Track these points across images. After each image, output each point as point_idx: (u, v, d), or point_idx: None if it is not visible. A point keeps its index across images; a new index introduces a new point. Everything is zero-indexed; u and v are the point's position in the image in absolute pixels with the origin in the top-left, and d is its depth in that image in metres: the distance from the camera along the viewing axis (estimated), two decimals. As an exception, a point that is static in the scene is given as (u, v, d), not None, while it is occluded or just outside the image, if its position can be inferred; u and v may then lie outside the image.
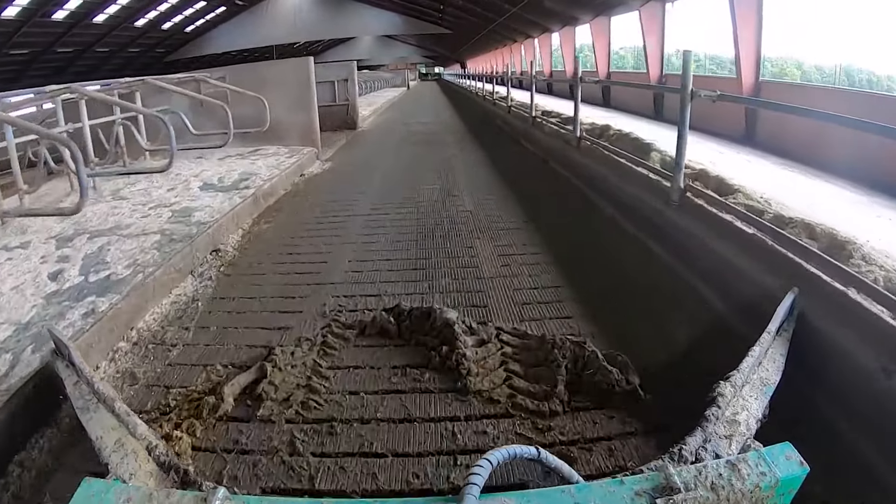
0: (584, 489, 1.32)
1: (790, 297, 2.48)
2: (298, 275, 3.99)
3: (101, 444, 1.78)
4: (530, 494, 1.32)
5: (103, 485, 1.36)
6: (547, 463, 1.47)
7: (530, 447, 1.46)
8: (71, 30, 27.24)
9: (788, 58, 11.18)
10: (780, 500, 1.36)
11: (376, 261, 4.22)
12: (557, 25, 21.95)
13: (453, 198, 6.13)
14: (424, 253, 4.35)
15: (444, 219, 5.28)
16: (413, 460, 2.04)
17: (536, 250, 4.32)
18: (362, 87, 24.64)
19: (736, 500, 1.30)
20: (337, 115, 12.83)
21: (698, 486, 1.29)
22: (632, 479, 1.33)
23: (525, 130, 10.61)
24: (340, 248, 4.56)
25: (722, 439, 1.69)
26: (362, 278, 3.88)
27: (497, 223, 5.08)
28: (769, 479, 1.32)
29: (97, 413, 1.95)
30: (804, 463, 1.38)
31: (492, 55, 39.73)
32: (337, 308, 3.34)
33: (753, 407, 1.87)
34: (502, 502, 1.28)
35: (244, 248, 4.66)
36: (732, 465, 1.34)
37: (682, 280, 3.58)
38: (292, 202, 6.29)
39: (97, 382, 2.05)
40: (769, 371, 2.08)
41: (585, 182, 6.41)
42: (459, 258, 4.22)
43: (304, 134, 9.18)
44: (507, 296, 3.47)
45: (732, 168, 5.68)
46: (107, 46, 31.61)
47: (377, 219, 5.43)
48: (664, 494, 1.27)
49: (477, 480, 1.28)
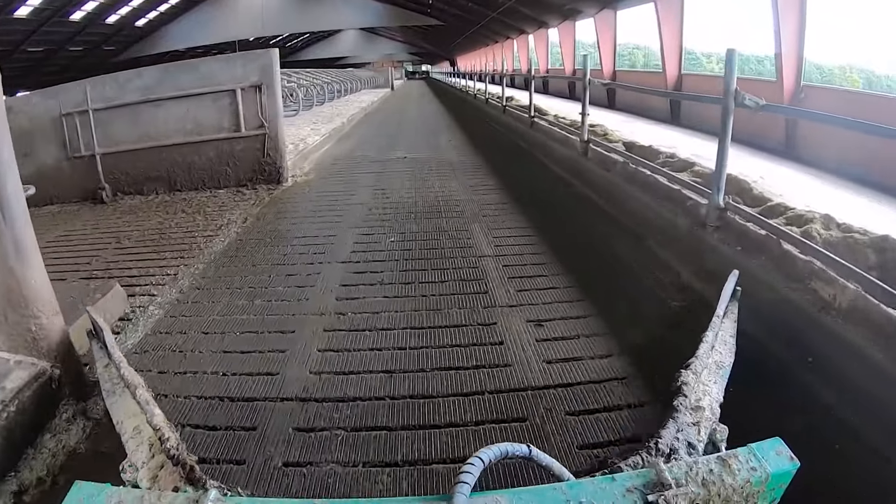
0: (576, 486, 1.38)
1: (732, 279, 2.78)
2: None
3: (121, 429, 2.00)
4: (522, 492, 1.37)
5: (94, 488, 1.44)
6: (538, 461, 1.51)
7: (522, 445, 1.49)
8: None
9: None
10: (771, 494, 1.44)
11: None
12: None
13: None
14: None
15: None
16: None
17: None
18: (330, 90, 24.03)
19: (727, 496, 1.37)
20: (238, 159, 7.92)
21: (689, 481, 1.37)
22: (623, 475, 1.41)
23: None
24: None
25: (690, 427, 1.81)
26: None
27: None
28: (760, 474, 1.40)
29: (121, 398, 2.19)
30: (794, 458, 1.46)
31: (483, 52, 39.80)
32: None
33: (714, 391, 2.05)
34: (494, 500, 1.34)
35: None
36: (723, 461, 1.43)
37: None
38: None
39: (124, 367, 2.26)
40: (722, 354, 2.30)
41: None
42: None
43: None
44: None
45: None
46: (39, 45, 30.63)
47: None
48: (655, 490, 1.34)
49: (468, 479, 1.33)
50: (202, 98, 7.65)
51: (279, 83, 7.99)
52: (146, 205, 7.50)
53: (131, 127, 7.76)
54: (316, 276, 4.49)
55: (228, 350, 3.44)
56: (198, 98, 7.64)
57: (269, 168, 7.99)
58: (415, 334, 3.46)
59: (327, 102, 22.53)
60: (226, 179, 7.97)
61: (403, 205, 6.64)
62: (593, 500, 1.34)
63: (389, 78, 42.11)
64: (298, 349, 3.36)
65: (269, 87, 7.74)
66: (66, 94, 7.73)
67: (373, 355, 3.25)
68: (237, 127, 7.77)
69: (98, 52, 35.36)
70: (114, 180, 7.93)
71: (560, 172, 7.86)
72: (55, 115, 7.73)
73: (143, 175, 7.93)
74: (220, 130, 7.79)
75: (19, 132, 7.84)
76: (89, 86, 7.61)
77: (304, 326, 3.64)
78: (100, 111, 7.67)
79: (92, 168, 7.87)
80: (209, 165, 7.90)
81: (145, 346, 3.67)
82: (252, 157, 7.95)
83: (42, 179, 7.92)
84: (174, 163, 7.87)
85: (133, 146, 7.80)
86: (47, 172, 7.95)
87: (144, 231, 6.20)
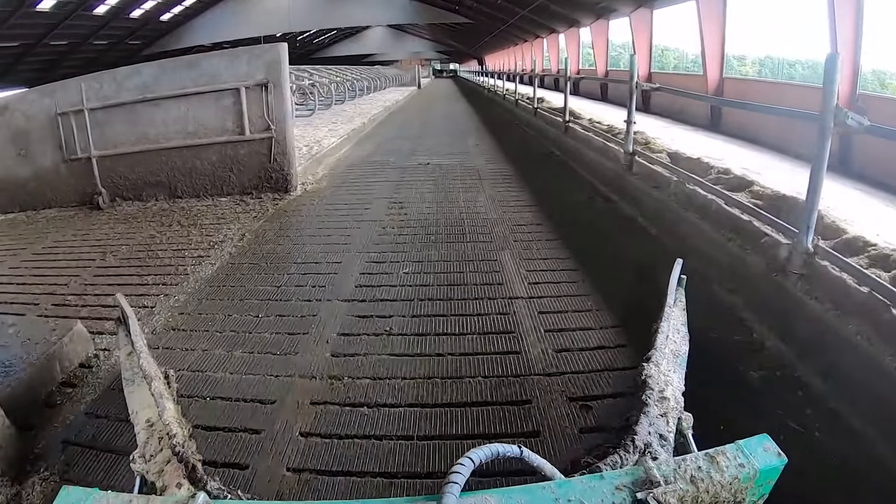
0: (565, 485, 1.37)
1: (678, 267, 2.80)
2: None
3: (134, 419, 2.06)
4: (512, 491, 1.34)
5: (82, 493, 1.42)
6: (529, 461, 1.47)
7: (513, 446, 1.45)
8: (8, 20, 25.19)
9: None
10: (759, 490, 1.43)
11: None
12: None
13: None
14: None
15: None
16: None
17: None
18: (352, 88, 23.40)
19: (715, 492, 1.36)
20: (242, 164, 7.26)
21: (678, 478, 1.35)
22: (612, 473, 1.41)
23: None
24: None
25: (659, 419, 1.81)
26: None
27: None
28: (748, 470, 1.39)
29: (138, 388, 2.22)
30: (782, 454, 1.44)
31: (512, 51, 39.15)
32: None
33: (675, 381, 2.07)
34: (483, 500, 1.32)
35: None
36: (711, 458, 1.41)
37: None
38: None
39: (144, 358, 2.28)
40: (677, 342, 2.33)
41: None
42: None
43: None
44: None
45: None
46: (63, 39, 30.41)
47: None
48: (644, 488, 1.32)
49: (458, 479, 1.30)
50: (204, 97, 6.96)
51: (288, 81, 7.22)
52: (143, 213, 6.88)
53: (129, 128, 7.13)
54: (311, 319, 3.72)
55: (195, 424, 2.71)
56: (199, 97, 6.95)
57: (275, 175, 7.26)
58: (426, 417, 2.68)
59: (350, 101, 21.94)
60: (229, 187, 7.28)
61: (422, 223, 5.84)
62: (582, 499, 1.32)
63: (416, 76, 41.52)
64: (277, 431, 2.60)
65: (276, 86, 6.97)
66: (63, 92, 7.14)
67: (369, 446, 2.49)
68: (241, 129, 7.05)
69: (122, 46, 35.29)
70: (112, 185, 7.34)
71: (599, 186, 7.04)
72: (51, 115, 7.14)
73: (142, 180, 7.32)
74: (223, 133, 7.09)
75: (15, 131, 7.35)
76: (84, 83, 6.98)
77: (288, 395, 2.88)
78: (96, 111, 7.07)
79: (89, 172, 7.28)
80: (211, 171, 7.23)
81: (103, 405, 2.99)
82: (257, 162, 7.24)
83: (40, 182, 7.49)
84: (174, 167, 7.22)
85: (131, 149, 7.18)
86: (45, 175, 7.46)
87: (133, 247, 5.57)
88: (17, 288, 4.78)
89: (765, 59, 14.24)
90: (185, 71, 6.95)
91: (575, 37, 24.44)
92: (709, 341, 3.25)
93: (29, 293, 4.63)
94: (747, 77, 13.79)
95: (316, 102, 16.74)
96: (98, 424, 2.83)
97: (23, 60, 29.37)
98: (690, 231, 4.64)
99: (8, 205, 7.61)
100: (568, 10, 22.38)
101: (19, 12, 24.27)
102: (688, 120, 12.60)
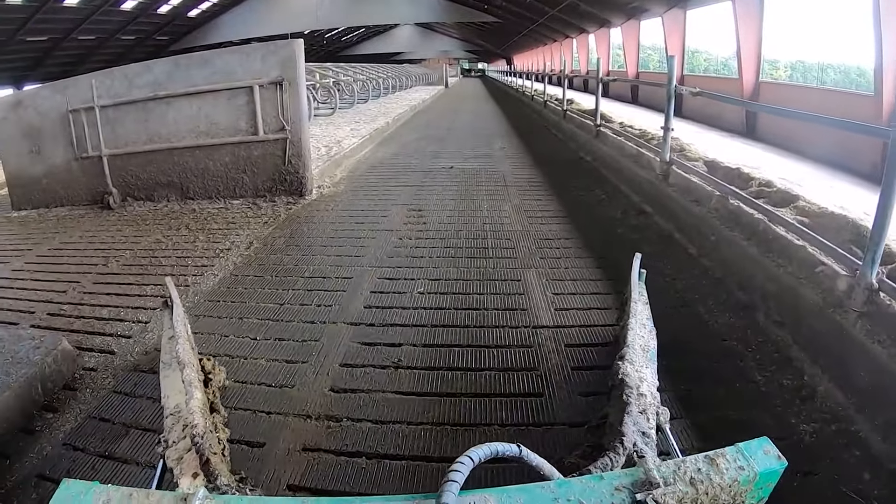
0: (564, 485, 1.35)
1: (637, 262, 2.89)
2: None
3: (164, 403, 2.14)
4: (510, 490, 1.33)
5: (83, 486, 1.41)
6: (528, 461, 1.44)
7: (512, 445, 1.42)
8: (35, 14, 25.17)
9: None
10: (759, 493, 1.41)
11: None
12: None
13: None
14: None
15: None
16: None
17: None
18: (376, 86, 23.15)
19: (715, 495, 1.34)
20: (256, 166, 6.95)
21: (677, 480, 1.33)
22: (611, 474, 1.39)
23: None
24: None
25: (640, 416, 1.81)
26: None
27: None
28: (747, 472, 1.37)
29: (173, 374, 2.30)
30: (782, 457, 1.42)
31: (541, 51, 38.73)
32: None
33: (648, 376, 2.07)
34: (482, 498, 1.31)
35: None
36: (711, 460, 1.39)
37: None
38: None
39: (181, 344, 2.36)
40: (645, 338, 2.34)
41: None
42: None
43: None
44: None
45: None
46: (91, 34, 30.41)
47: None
48: (644, 489, 1.31)
49: (457, 478, 1.28)
50: (217, 95, 6.70)
51: (304, 80, 6.91)
52: (152, 214, 6.67)
53: (141, 126, 6.91)
54: (313, 344, 3.39)
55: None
56: (212, 95, 6.70)
57: (290, 178, 6.96)
58: (431, 474, 2.33)
59: (374, 99, 21.70)
60: (242, 189, 7.01)
61: (442, 234, 5.47)
62: (581, 499, 1.31)
63: (444, 75, 41.26)
64: (262, 483, 2.27)
65: (291, 84, 6.64)
66: (74, 89, 6.97)
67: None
68: (255, 129, 6.76)
69: (150, 41, 35.57)
70: (123, 184, 7.14)
71: (632, 196, 6.59)
72: (63, 111, 6.96)
73: (153, 180, 7.10)
74: (236, 133, 6.82)
75: (28, 128, 7.19)
76: (95, 80, 6.77)
77: (281, 437, 2.56)
78: (107, 108, 6.86)
79: (100, 170, 7.09)
80: (224, 172, 6.96)
81: (82, 436, 2.72)
82: (271, 164, 6.94)
83: (52, 180, 7.34)
84: (186, 168, 6.98)
85: (142, 148, 6.98)
86: (57, 173, 7.33)
87: (137, 251, 5.35)
88: (15, 293, 4.62)
89: (796, 64, 13.71)
90: (198, 68, 6.69)
91: (605, 37, 24.06)
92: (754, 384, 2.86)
93: (27, 299, 4.45)
94: (788, 82, 13.25)
95: (337, 101, 16.47)
96: (75, 458, 2.58)
97: (51, 55, 29.68)
98: (734, 253, 4.20)
99: (22, 202, 7.48)
100: (598, 9, 21.98)
101: (47, 7, 24.46)
102: (722, 125, 12.26)
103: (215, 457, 1.77)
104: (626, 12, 19.82)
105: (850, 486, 2.20)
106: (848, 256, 3.06)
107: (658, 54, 20.06)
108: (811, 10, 11.53)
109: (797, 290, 3.34)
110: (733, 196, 4.57)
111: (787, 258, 3.62)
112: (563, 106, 12.82)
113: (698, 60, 18.67)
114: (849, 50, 11.12)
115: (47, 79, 24.02)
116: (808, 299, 3.21)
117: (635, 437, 1.72)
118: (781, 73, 13.91)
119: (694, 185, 5.32)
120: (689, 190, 5.37)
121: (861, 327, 2.77)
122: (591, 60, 26.67)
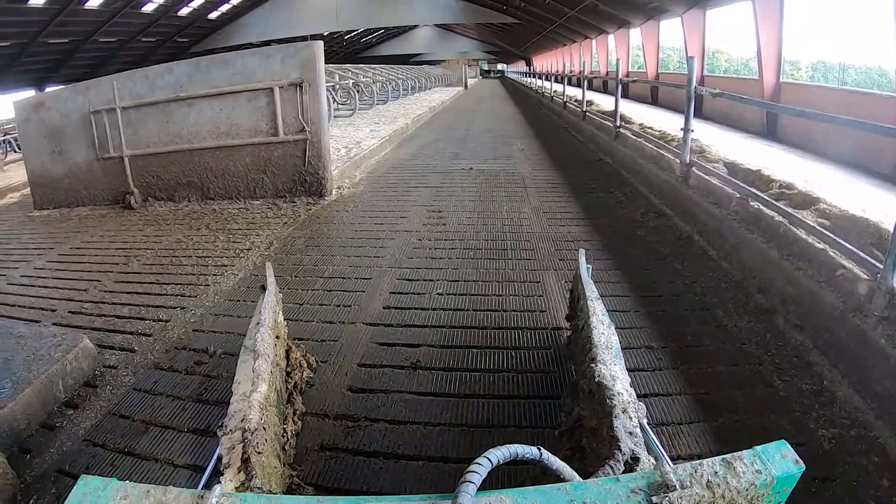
0: (580, 487, 1.35)
1: (582, 258, 2.99)
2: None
3: (234, 389, 2.13)
4: (527, 492, 1.33)
5: (101, 482, 1.41)
6: (549, 464, 1.44)
7: (532, 447, 1.42)
8: (57, 17, 25.53)
9: None
10: (776, 497, 1.39)
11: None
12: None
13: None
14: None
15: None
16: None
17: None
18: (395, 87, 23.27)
19: (731, 498, 1.33)
20: (276, 166, 7.06)
21: (694, 483, 1.33)
22: (627, 476, 1.38)
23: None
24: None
25: (624, 416, 1.79)
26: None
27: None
28: (765, 476, 1.35)
29: (249, 361, 2.25)
30: (800, 461, 1.39)
31: (560, 52, 38.65)
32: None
33: (619, 373, 2.04)
34: (498, 499, 1.30)
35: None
36: (727, 463, 1.38)
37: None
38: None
39: (260, 333, 2.35)
40: (606, 334, 2.29)
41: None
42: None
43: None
44: None
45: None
46: (112, 36, 30.82)
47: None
48: (660, 492, 1.30)
49: (474, 479, 1.28)
50: (237, 97, 6.80)
51: (323, 81, 6.96)
52: (173, 214, 6.76)
53: (161, 127, 7.03)
54: (332, 344, 3.42)
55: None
56: (232, 97, 6.80)
57: (310, 179, 7.03)
58: (449, 474, 2.33)
59: (394, 100, 21.78)
60: (262, 189, 7.09)
61: (461, 236, 5.48)
62: (597, 501, 1.29)
63: (463, 76, 41.27)
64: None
65: (311, 86, 6.71)
66: (96, 90, 7.10)
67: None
68: (275, 130, 6.84)
69: (171, 43, 36.02)
70: (144, 185, 7.26)
71: (652, 198, 6.55)
72: (85, 112, 7.10)
73: (174, 180, 7.21)
74: (256, 134, 6.91)
75: (51, 128, 7.33)
76: (117, 81, 6.89)
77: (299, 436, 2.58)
78: (128, 109, 6.99)
79: (121, 171, 7.22)
80: (244, 173, 7.05)
81: (101, 432, 2.77)
82: (291, 165, 7.02)
83: (74, 180, 7.48)
84: (207, 168, 7.08)
85: (163, 148, 7.10)
86: (79, 173, 7.47)
87: (158, 251, 5.43)
88: (38, 291, 4.71)
89: (817, 64, 13.55)
90: (219, 70, 6.78)
91: (625, 38, 24.00)
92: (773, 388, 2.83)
93: (48, 297, 4.54)
94: (809, 82, 13.09)
95: (356, 102, 16.54)
96: (94, 454, 2.63)
97: (73, 57, 30.22)
98: (753, 256, 4.17)
99: (44, 201, 7.62)
100: (618, 10, 21.92)
101: (68, 9, 24.88)
102: (742, 126, 12.20)
103: (258, 456, 1.79)
104: (645, 13, 19.78)
105: (869, 493, 2.18)
106: (869, 260, 3.04)
107: (678, 55, 19.94)
108: (831, 10, 11.42)
109: (817, 294, 3.31)
110: (754, 198, 4.54)
111: (808, 261, 3.58)
112: (583, 107, 12.80)
113: (719, 61, 18.50)
114: (870, 50, 11.01)
115: (69, 80, 24.44)
116: (828, 303, 3.18)
117: (622, 435, 1.71)
118: (803, 73, 13.77)
119: (714, 186, 5.28)
120: (709, 192, 5.33)
121: (882, 332, 2.74)
122: (610, 62, 26.53)
